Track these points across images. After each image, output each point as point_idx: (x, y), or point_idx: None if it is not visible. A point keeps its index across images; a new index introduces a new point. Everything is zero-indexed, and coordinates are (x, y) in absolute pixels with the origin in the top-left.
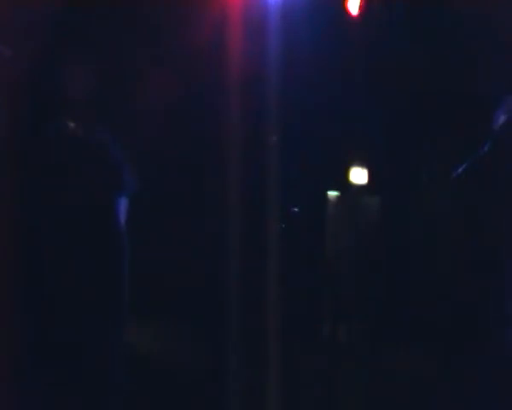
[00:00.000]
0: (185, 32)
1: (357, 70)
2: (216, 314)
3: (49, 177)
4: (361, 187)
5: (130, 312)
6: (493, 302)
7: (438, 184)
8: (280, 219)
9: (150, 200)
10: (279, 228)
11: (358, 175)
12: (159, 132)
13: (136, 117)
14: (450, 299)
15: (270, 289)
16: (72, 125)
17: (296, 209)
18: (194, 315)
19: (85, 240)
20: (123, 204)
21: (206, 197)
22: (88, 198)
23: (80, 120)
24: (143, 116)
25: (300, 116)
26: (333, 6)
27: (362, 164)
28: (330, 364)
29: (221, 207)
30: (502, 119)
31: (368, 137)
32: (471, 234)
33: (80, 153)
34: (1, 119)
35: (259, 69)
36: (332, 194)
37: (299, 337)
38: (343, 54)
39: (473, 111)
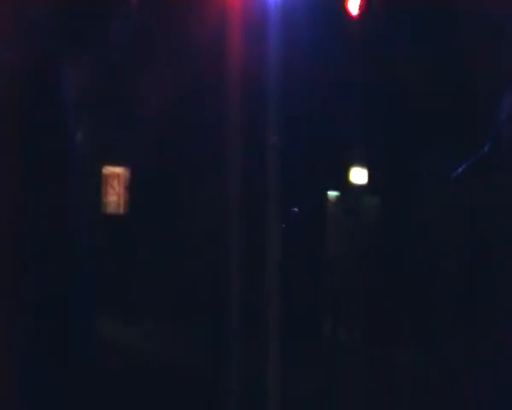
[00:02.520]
0: (185, 32)
1: (357, 70)
2: (216, 314)
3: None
4: (361, 187)
5: (132, 312)
6: (493, 302)
7: (438, 184)
8: (280, 219)
9: (151, 200)
10: (279, 228)
11: (358, 175)
12: (159, 133)
13: (136, 117)
14: (451, 298)
15: (270, 289)
16: None
17: (296, 209)
18: (195, 315)
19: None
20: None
21: (207, 197)
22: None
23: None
24: (143, 116)
25: (300, 116)
26: (333, 6)
27: (362, 164)
28: (330, 364)
29: (221, 207)
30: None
31: (368, 137)
32: (471, 234)
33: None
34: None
35: (259, 69)
36: (332, 194)
37: (299, 337)
38: (343, 54)
39: (473, 111)
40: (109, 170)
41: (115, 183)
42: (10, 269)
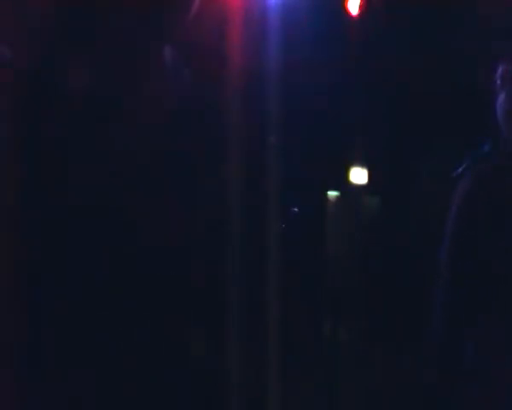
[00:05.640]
0: (185, 31)
1: (357, 70)
2: (216, 314)
3: None
4: (361, 187)
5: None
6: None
7: (438, 184)
8: (280, 219)
9: (151, 199)
10: (279, 228)
11: (358, 175)
12: (157, 133)
13: (136, 116)
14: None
15: (270, 289)
16: None
17: (296, 209)
18: (194, 315)
19: None
20: None
21: (206, 197)
22: None
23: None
24: (143, 115)
25: (300, 116)
26: (333, 6)
27: (362, 164)
28: (330, 364)
29: (221, 207)
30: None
31: (368, 137)
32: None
33: None
34: (1, 119)
35: (259, 69)
36: (332, 194)
37: (300, 337)
38: (343, 54)
39: (473, 111)
40: None
41: None
42: None
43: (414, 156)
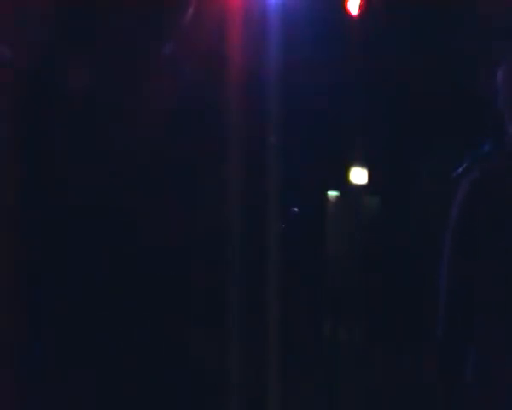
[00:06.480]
0: (185, 31)
1: (357, 70)
2: (216, 314)
3: None
4: (361, 187)
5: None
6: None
7: (438, 184)
8: (280, 219)
9: (151, 199)
10: (279, 228)
11: (358, 175)
12: (158, 133)
13: (136, 116)
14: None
15: (270, 289)
16: None
17: (296, 209)
18: (194, 315)
19: None
20: None
21: (206, 197)
22: None
23: None
24: (143, 116)
25: (300, 116)
26: (333, 6)
27: (362, 164)
28: (330, 364)
29: (221, 207)
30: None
31: (368, 137)
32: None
33: None
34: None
35: (259, 69)
36: (332, 194)
37: (300, 337)
38: (343, 54)
39: (473, 111)
40: None
41: None
42: None
43: (414, 156)
